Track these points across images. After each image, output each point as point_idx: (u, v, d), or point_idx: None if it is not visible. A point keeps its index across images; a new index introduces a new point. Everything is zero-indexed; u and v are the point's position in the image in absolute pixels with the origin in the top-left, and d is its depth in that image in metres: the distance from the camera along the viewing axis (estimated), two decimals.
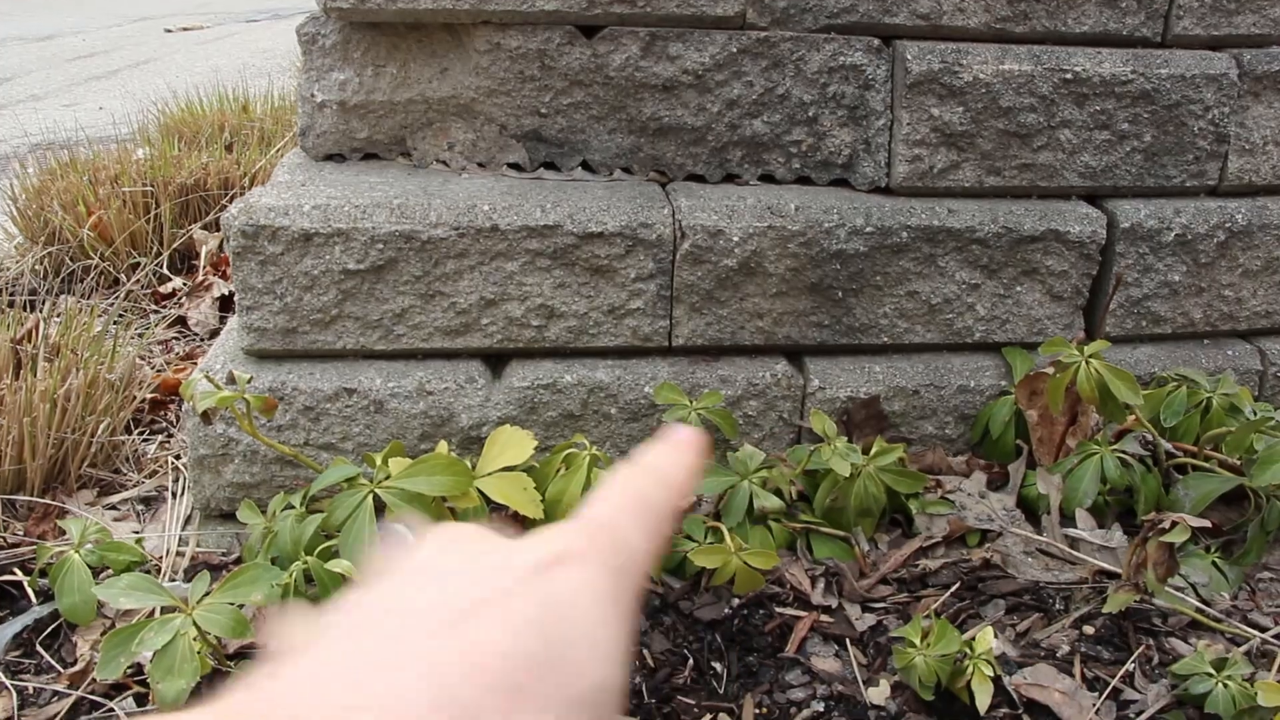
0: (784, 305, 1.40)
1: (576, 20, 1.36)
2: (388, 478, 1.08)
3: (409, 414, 1.33)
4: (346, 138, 1.43)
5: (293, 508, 1.15)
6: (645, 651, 1.17)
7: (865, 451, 1.29)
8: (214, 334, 2.06)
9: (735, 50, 1.38)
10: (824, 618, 1.24)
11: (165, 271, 2.32)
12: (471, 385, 1.33)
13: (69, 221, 2.33)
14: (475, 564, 0.39)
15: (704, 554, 1.17)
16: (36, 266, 2.30)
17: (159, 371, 1.81)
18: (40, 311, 1.72)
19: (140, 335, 1.92)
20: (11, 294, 2.17)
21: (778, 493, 1.27)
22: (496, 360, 1.40)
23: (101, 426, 1.45)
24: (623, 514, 0.43)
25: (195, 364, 1.81)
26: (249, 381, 1.11)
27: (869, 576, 1.28)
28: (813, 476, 1.33)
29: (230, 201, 2.30)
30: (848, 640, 1.21)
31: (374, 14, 1.32)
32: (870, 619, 1.24)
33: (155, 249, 2.37)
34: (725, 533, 1.22)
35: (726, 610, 1.23)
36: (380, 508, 1.06)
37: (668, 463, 0.47)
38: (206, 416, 1.05)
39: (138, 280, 2.25)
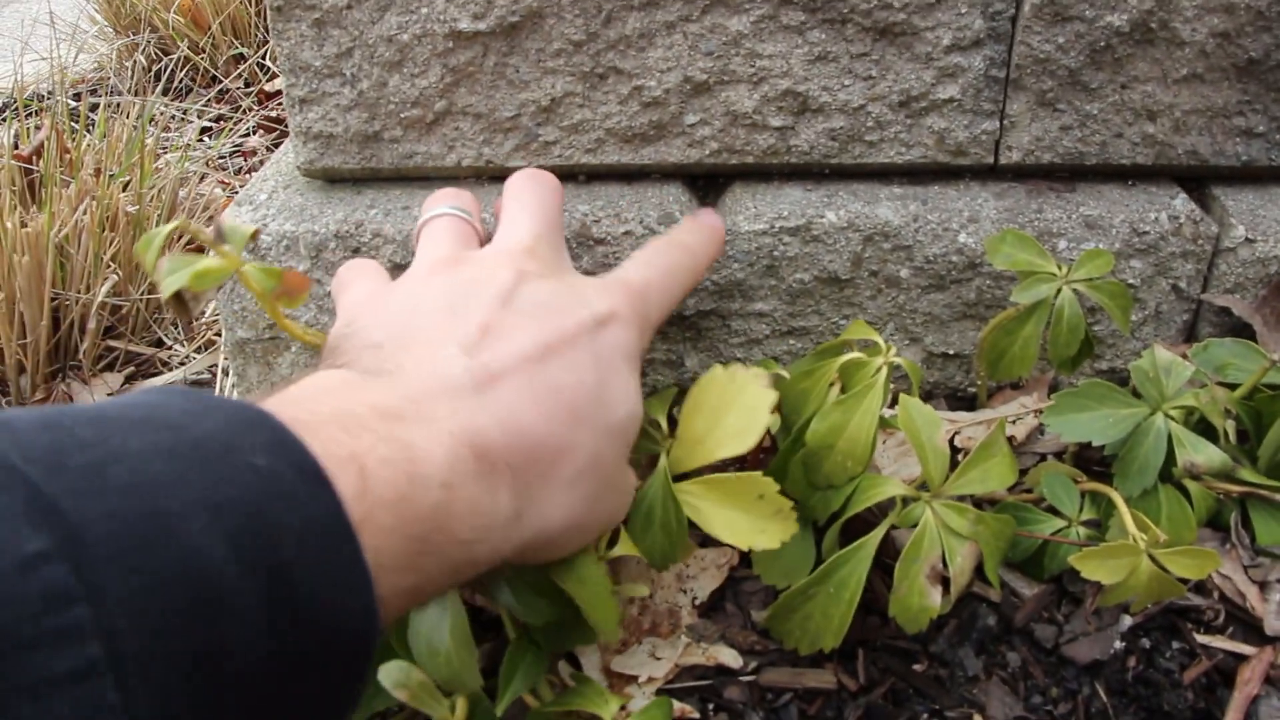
0: (1195, 98, 0.81)
1: None
2: None
3: None
4: None
5: None
6: (976, 717, 0.66)
7: None
8: None
9: None
10: None
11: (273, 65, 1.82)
12: (669, 226, 0.80)
13: (152, 4, 1.84)
14: (550, 306, 0.51)
15: (1094, 559, 0.64)
16: (125, 61, 1.84)
17: (230, 195, 1.33)
18: (58, 116, 1.24)
19: (192, 146, 1.41)
20: (94, 93, 1.72)
21: (1207, 433, 0.72)
22: (708, 185, 0.85)
23: (106, 284, 0.98)
24: (653, 284, 0.57)
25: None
26: (252, 237, 0.60)
27: None
28: (1251, 402, 0.77)
29: None
30: None
31: None
32: None
33: (262, 37, 1.88)
34: (1121, 507, 0.68)
35: (1117, 644, 0.69)
36: None
37: (695, 239, 0.63)
38: (180, 303, 0.55)
39: (240, 75, 1.77)
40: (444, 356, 0.48)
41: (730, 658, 0.70)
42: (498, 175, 0.84)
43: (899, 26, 0.77)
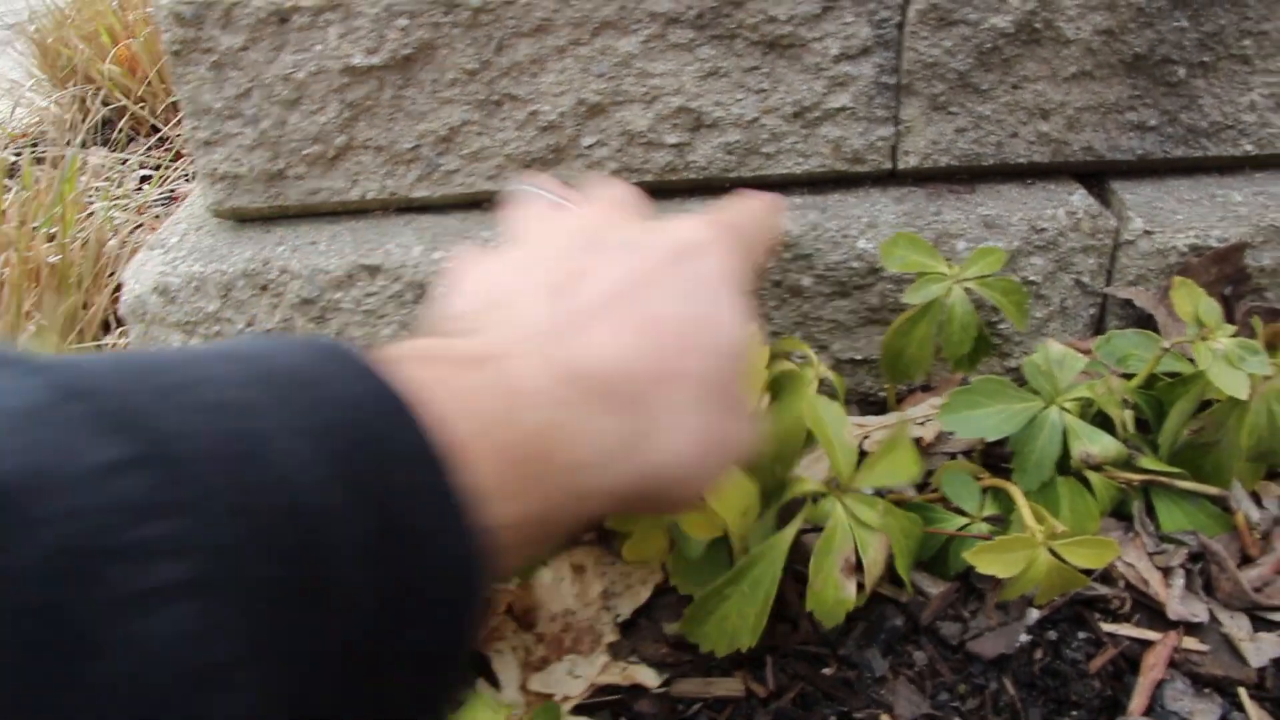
0: (1086, 95, 0.82)
1: None
2: None
3: None
4: None
5: None
6: (884, 717, 0.67)
7: (1267, 349, 0.72)
8: None
9: None
10: (1189, 642, 0.70)
11: None
12: None
13: (88, 55, 1.85)
14: (636, 243, 0.49)
15: (989, 553, 0.64)
16: (61, 114, 1.84)
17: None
18: None
19: (126, 195, 1.41)
20: (35, 147, 1.72)
21: (1105, 424, 0.73)
22: None
23: (24, 337, 0.98)
24: (744, 223, 0.55)
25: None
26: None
27: (1259, 563, 0.74)
28: (1150, 390, 0.78)
29: None
30: (1238, 687, 0.68)
31: None
32: (1270, 642, 0.70)
33: None
34: (1020, 500, 0.69)
35: (1022, 637, 0.70)
36: None
37: (751, 219, 0.58)
38: None
39: (179, 122, 1.78)
40: (529, 306, 0.47)
41: (648, 677, 0.71)
42: (404, 206, 0.85)
43: (787, 39, 0.78)
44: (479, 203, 0.85)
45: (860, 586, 0.64)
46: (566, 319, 0.45)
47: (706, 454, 0.47)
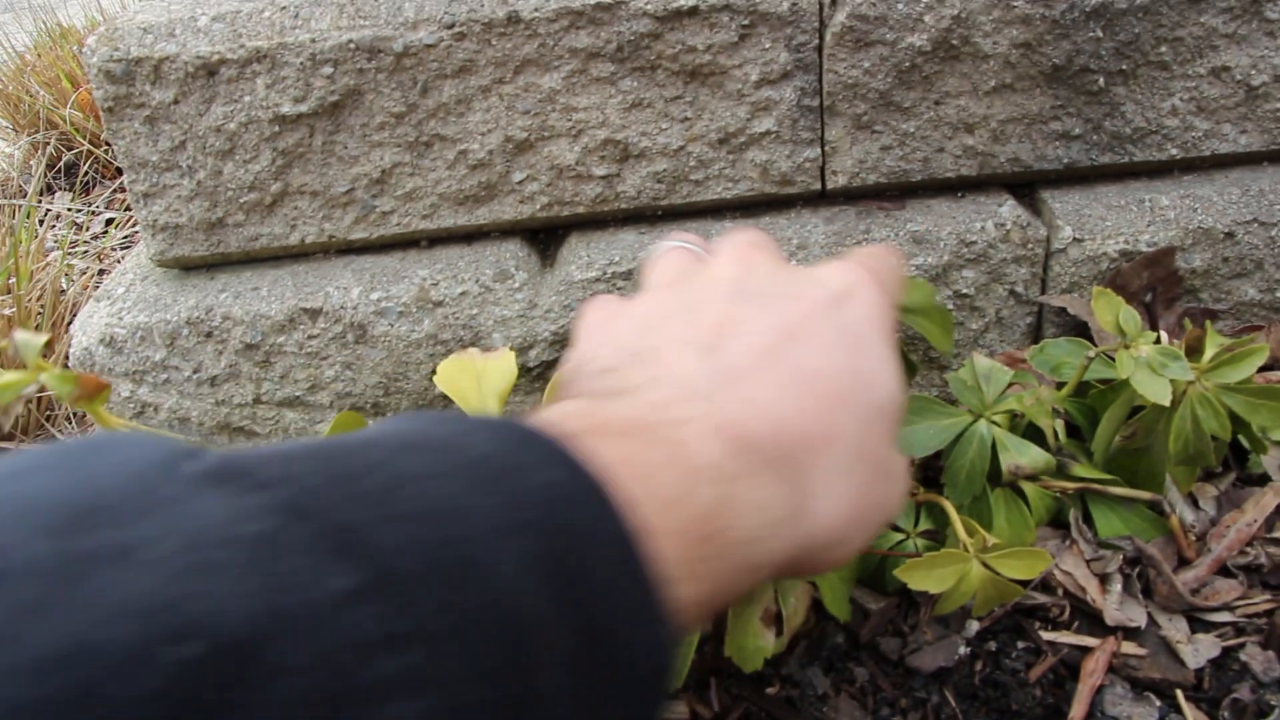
0: (1009, 107, 0.83)
1: None
2: None
3: (408, 340, 0.82)
4: None
5: None
6: None
7: (1189, 353, 0.73)
8: None
9: None
10: (1128, 646, 0.71)
11: None
12: (505, 283, 0.82)
13: (49, 102, 1.87)
14: (782, 292, 0.47)
15: (920, 569, 0.65)
16: (23, 160, 1.86)
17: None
18: None
19: (83, 241, 1.42)
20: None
21: (1037, 437, 0.73)
22: (548, 237, 0.88)
23: None
24: (881, 268, 0.52)
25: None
26: (46, 345, 0.61)
27: (1195, 565, 0.75)
28: (1083, 398, 0.79)
29: None
30: (1176, 689, 0.69)
31: None
32: (1207, 644, 0.71)
33: None
34: (952, 514, 0.69)
35: (962, 650, 0.71)
36: None
37: (886, 264, 0.54)
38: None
39: None
40: (681, 363, 0.44)
41: None
42: (344, 249, 0.86)
43: (707, 67, 0.79)
44: (416, 242, 0.86)
45: (779, 634, 0.65)
46: (721, 377, 0.43)
47: (861, 517, 0.45)
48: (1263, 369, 0.75)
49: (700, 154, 0.82)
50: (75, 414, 1.11)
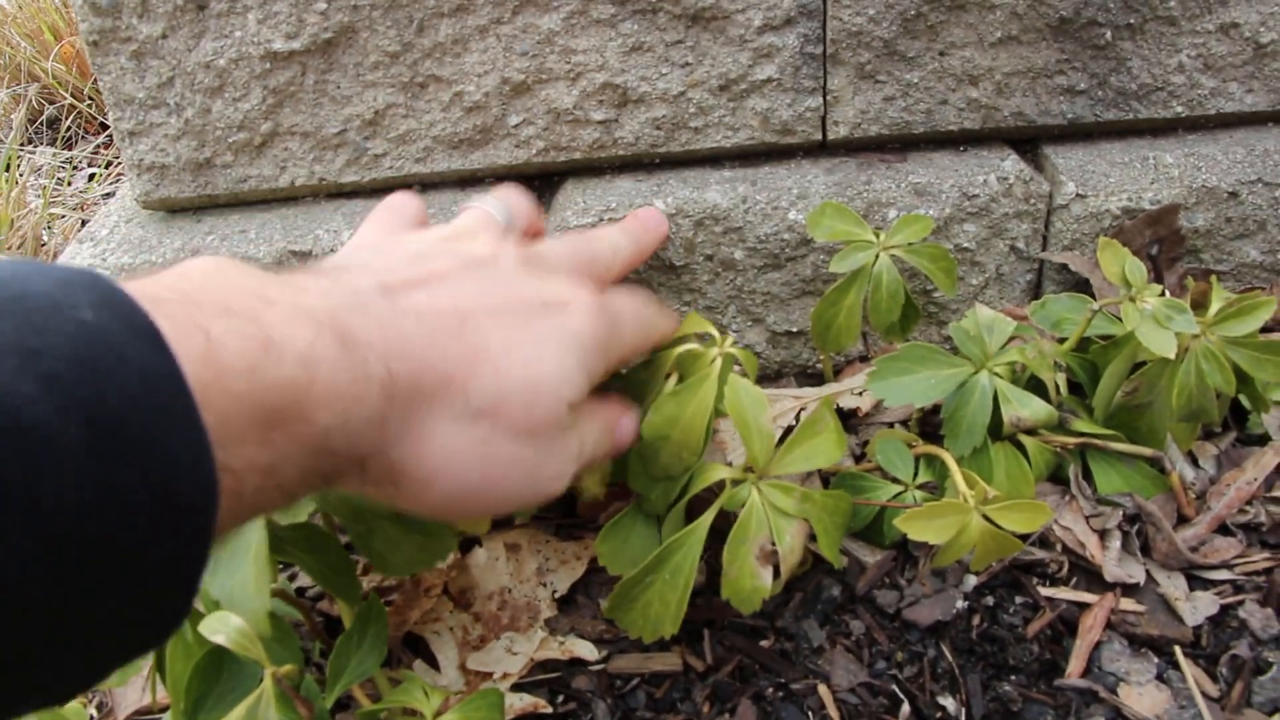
0: (1014, 60, 0.82)
1: None
2: None
3: None
4: None
5: None
6: (821, 687, 0.66)
7: (1194, 308, 0.72)
8: None
9: None
10: (1126, 603, 0.70)
11: None
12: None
13: (30, 54, 1.83)
14: (512, 280, 0.54)
15: (920, 519, 0.64)
16: (6, 112, 1.82)
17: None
18: None
19: (70, 193, 1.39)
20: None
21: (1038, 391, 0.72)
22: (542, 184, 0.86)
23: None
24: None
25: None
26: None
27: (1194, 522, 0.74)
28: (1085, 354, 0.78)
29: None
30: (1174, 646, 0.68)
31: None
32: (1206, 600, 0.70)
33: None
34: (952, 466, 0.68)
35: (960, 604, 0.70)
36: None
37: (643, 236, 0.73)
38: None
39: None
40: (364, 273, 0.48)
41: (587, 651, 0.70)
42: (334, 192, 0.84)
43: (709, 11, 0.77)
44: (408, 185, 0.84)
45: (777, 573, 0.64)
46: (377, 290, 0.47)
47: (464, 478, 0.48)
48: (1263, 330, 0.75)
49: (700, 100, 0.80)
50: None
